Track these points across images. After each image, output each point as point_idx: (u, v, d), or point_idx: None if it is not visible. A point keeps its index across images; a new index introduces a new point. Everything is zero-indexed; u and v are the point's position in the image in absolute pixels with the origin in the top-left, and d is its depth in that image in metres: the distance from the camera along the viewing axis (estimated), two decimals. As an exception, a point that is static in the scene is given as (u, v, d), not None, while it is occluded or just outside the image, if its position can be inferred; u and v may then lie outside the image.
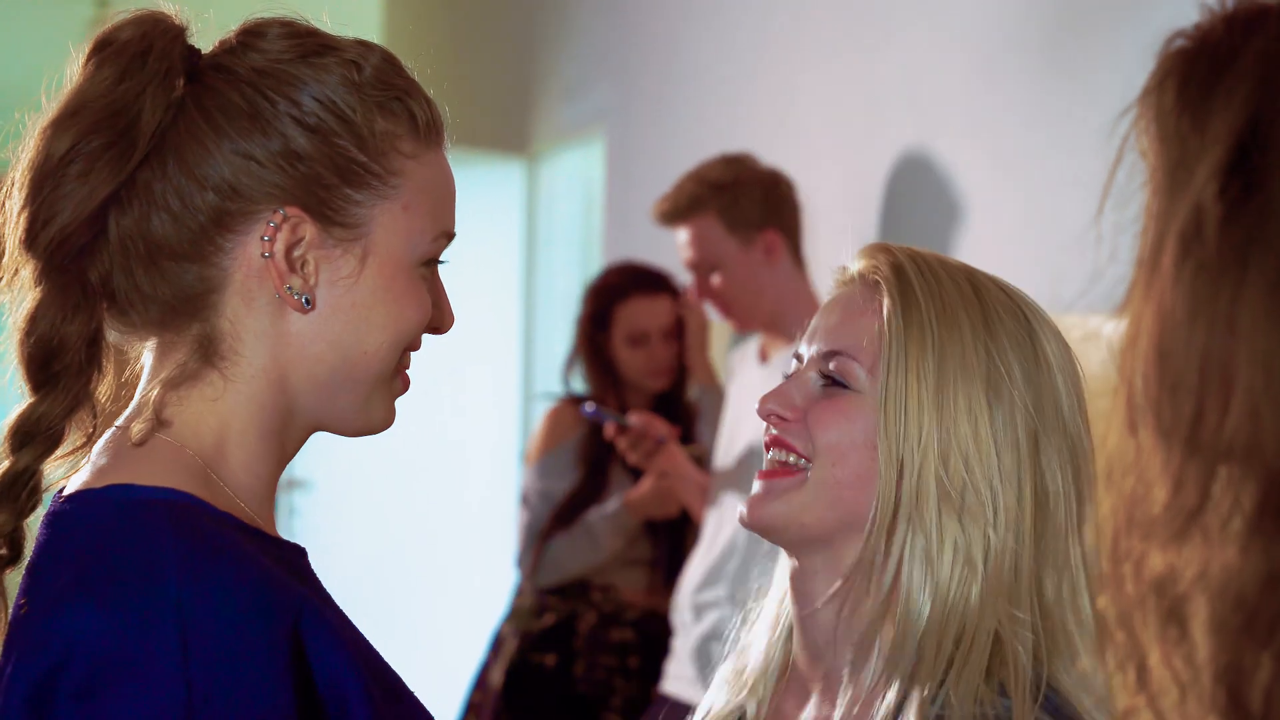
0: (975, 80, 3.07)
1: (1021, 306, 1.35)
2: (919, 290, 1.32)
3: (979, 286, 1.34)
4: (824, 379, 1.35)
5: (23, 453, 1.20)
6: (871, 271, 1.36)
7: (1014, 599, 1.28)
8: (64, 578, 1.13)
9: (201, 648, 1.08)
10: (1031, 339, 1.33)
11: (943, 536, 1.28)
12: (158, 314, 1.23)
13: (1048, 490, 1.30)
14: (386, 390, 1.28)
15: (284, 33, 1.24)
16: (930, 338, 1.31)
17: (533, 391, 5.74)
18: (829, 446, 1.33)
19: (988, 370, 1.30)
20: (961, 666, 1.26)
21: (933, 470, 1.29)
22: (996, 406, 1.30)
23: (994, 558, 1.28)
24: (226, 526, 1.16)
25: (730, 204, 3.18)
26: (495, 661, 3.70)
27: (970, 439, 1.29)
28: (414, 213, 1.25)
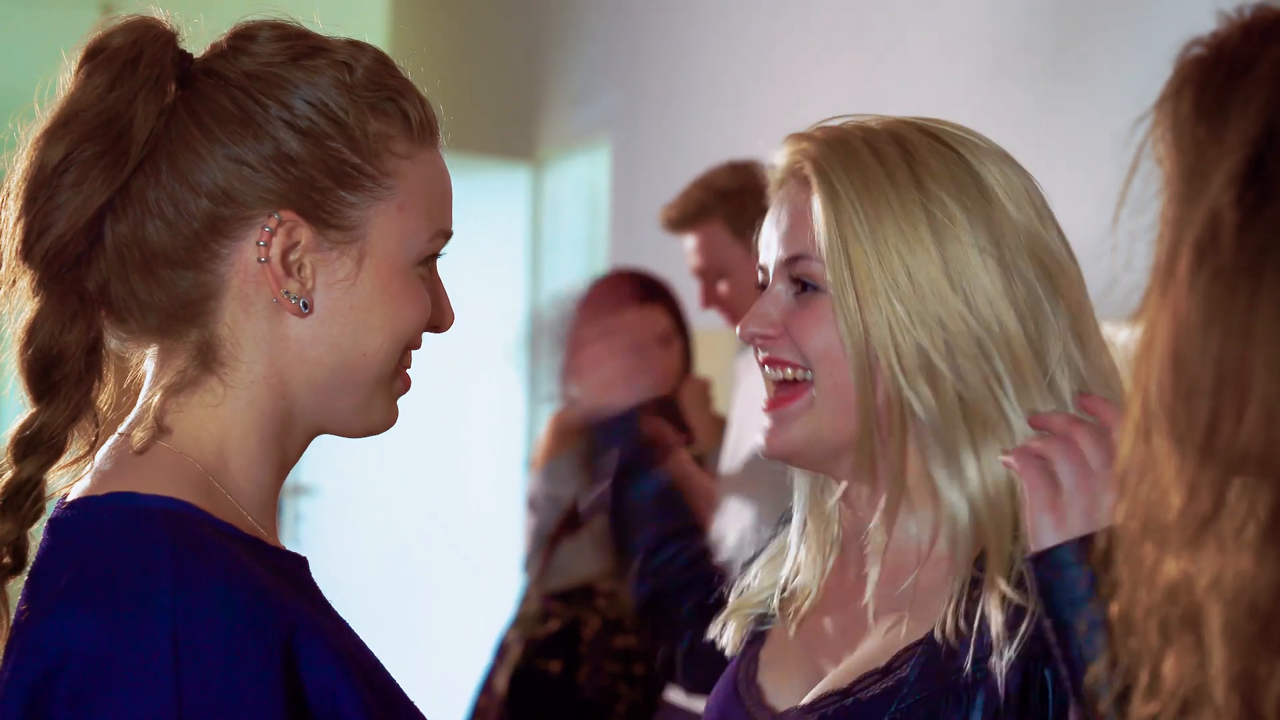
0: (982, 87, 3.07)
1: (953, 145, 1.34)
2: (838, 180, 1.32)
3: (904, 142, 1.34)
4: (793, 285, 1.36)
5: (25, 462, 1.20)
6: (798, 168, 1.36)
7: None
8: (61, 583, 1.13)
9: (194, 658, 1.08)
10: (970, 173, 1.33)
11: (945, 407, 1.29)
12: (156, 321, 1.23)
13: (1028, 308, 1.30)
14: (387, 390, 1.28)
15: (275, 35, 1.24)
16: (860, 222, 1.31)
17: (539, 396, 5.74)
18: (820, 356, 1.33)
19: (929, 224, 1.30)
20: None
21: (911, 343, 1.29)
22: (950, 256, 1.30)
23: (1010, 402, 1.28)
24: (224, 537, 1.16)
25: (737, 211, 3.18)
26: (500, 667, 3.70)
27: (935, 294, 1.29)
28: (409, 213, 1.25)
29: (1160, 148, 0.78)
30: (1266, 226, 0.72)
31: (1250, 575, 0.71)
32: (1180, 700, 0.74)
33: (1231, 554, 0.72)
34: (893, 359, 1.30)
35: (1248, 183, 0.73)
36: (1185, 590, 0.73)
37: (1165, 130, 0.78)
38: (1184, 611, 0.73)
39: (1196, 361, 0.73)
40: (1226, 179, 0.73)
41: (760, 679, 1.41)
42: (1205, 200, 0.73)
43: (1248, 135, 0.73)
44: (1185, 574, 0.73)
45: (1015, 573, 1.26)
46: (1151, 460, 0.75)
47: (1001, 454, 1.27)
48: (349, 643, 1.21)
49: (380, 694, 1.20)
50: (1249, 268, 0.72)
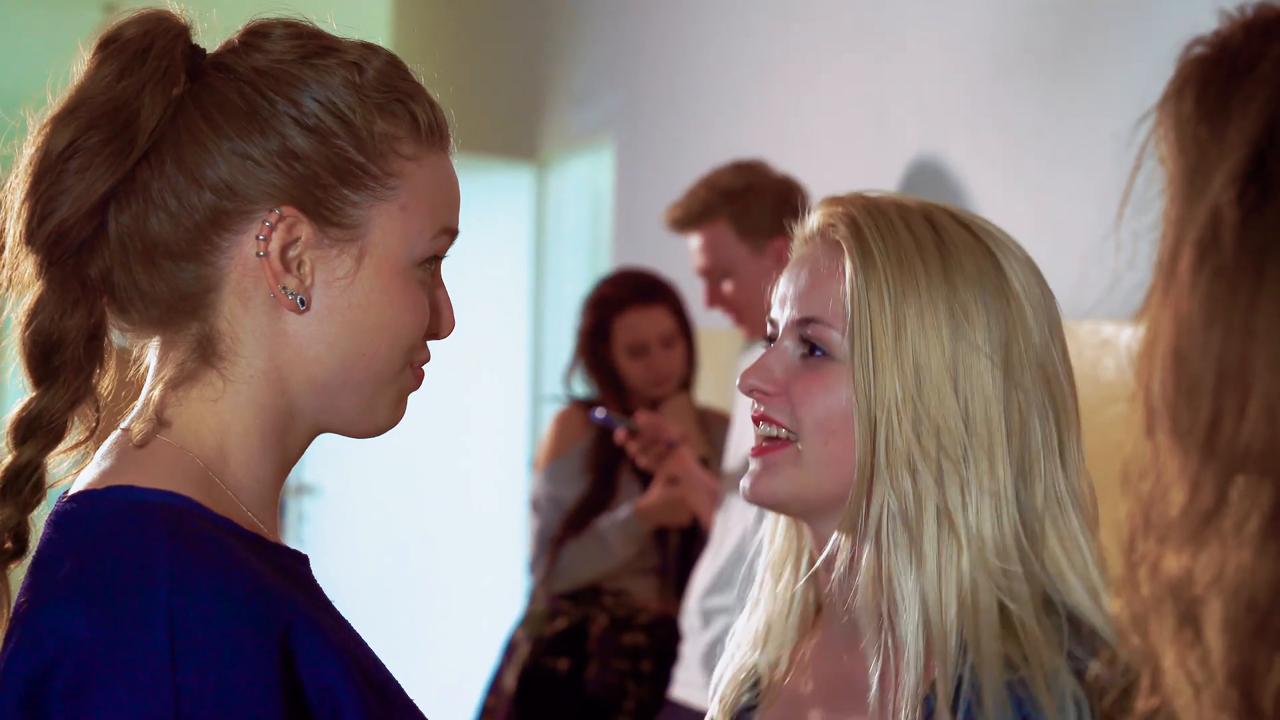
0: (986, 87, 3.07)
1: (985, 240, 1.34)
2: (875, 248, 1.32)
3: (939, 228, 1.34)
4: (802, 345, 1.36)
5: (25, 447, 1.20)
6: (830, 230, 1.36)
7: (1003, 554, 1.28)
8: (59, 576, 1.13)
9: (190, 653, 1.08)
10: (997, 272, 1.33)
11: (920, 499, 1.29)
12: (157, 313, 1.23)
13: (1022, 421, 1.30)
14: (390, 390, 1.28)
15: (288, 34, 1.25)
16: (888, 295, 1.31)
17: (541, 396, 5.75)
18: (817, 424, 1.33)
19: (950, 316, 1.30)
20: (976, 650, 1.26)
21: (907, 426, 1.29)
22: (960, 354, 1.30)
23: (976, 512, 1.28)
24: (222, 532, 1.16)
25: (742, 211, 3.18)
26: (508, 666, 3.71)
27: (935, 390, 1.29)
28: (412, 213, 1.25)
29: (1163, 147, 0.79)
30: (1267, 225, 0.73)
31: (1250, 570, 0.72)
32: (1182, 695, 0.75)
33: (1232, 549, 0.72)
34: (882, 441, 1.30)
35: (1249, 181, 0.74)
36: (1187, 586, 0.74)
37: (1168, 130, 0.78)
38: (1185, 607, 0.74)
39: (1198, 359, 0.74)
40: (1228, 177, 0.74)
41: None
42: (1207, 199, 0.74)
43: (1249, 134, 0.74)
44: (1187, 570, 0.74)
45: (964, 707, 1.25)
46: (1154, 457, 0.76)
47: None
48: (348, 639, 1.21)
49: (379, 690, 1.20)
50: (1250, 266, 0.73)
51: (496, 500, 5.92)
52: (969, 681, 1.25)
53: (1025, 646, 1.25)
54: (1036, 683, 1.23)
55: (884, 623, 1.32)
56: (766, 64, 4.14)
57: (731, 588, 3.17)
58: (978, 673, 1.25)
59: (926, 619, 1.27)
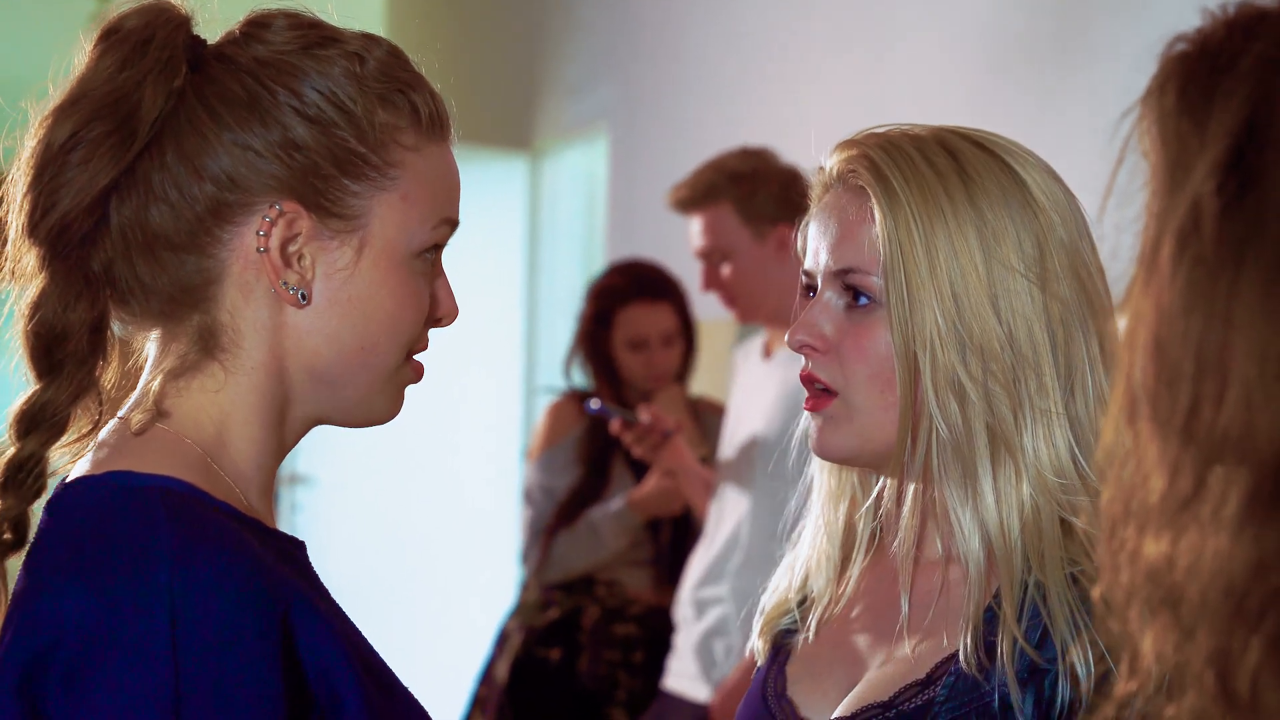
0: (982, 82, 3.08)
1: (1003, 155, 1.35)
2: (898, 186, 1.32)
3: (956, 153, 1.34)
4: (845, 293, 1.36)
5: (28, 439, 1.20)
6: (850, 176, 1.37)
7: (1059, 471, 1.30)
8: (59, 560, 1.13)
9: (191, 634, 1.09)
10: (1019, 185, 1.33)
11: (970, 426, 1.30)
12: (159, 304, 1.23)
13: (1066, 333, 1.31)
14: (389, 382, 1.28)
15: (289, 24, 1.25)
16: (918, 230, 1.31)
17: (535, 387, 5.75)
18: (870, 376, 1.33)
19: (980, 240, 1.31)
20: (1039, 560, 1.28)
21: (952, 354, 1.30)
22: (995, 277, 1.31)
23: (1031, 434, 1.30)
24: (222, 516, 1.17)
25: (747, 195, 3.18)
26: (500, 656, 3.71)
27: (976, 315, 1.30)
28: (412, 203, 1.25)
29: (1146, 141, 0.80)
30: (1246, 216, 0.74)
31: (1226, 554, 0.73)
32: (1159, 678, 0.76)
33: (1210, 534, 0.74)
34: (927, 372, 1.30)
35: (1228, 173, 0.75)
36: (1166, 571, 0.75)
37: (1150, 124, 0.80)
38: (1164, 592, 0.75)
39: (1178, 347, 0.75)
40: (1208, 170, 0.75)
41: (790, 692, 1.41)
42: (1188, 190, 0.76)
43: (1229, 127, 0.75)
44: (1166, 555, 0.75)
45: (1029, 608, 1.27)
46: (1135, 444, 0.77)
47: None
48: (345, 625, 1.22)
49: (376, 676, 1.21)
50: (1229, 256, 0.74)
51: (489, 490, 5.93)
52: (1034, 585, 1.28)
53: (1087, 546, 1.27)
54: (1094, 571, 1.25)
55: (929, 550, 1.35)
56: (762, 55, 4.15)
57: (725, 579, 3.18)
58: (1041, 576, 1.27)
59: (989, 544, 1.29)
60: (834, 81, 3.73)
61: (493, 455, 5.95)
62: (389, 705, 1.20)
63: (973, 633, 1.29)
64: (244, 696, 1.10)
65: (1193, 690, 0.75)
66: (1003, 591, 1.29)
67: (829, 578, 1.43)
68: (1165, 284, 0.76)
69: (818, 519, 1.45)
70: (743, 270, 3.19)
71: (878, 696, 1.32)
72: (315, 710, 1.15)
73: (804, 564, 1.46)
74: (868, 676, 1.36)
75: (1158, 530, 0.75)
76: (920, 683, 1.31)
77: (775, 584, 1.49)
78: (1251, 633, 0.72)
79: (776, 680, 1.43)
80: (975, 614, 1.29)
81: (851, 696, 1.35)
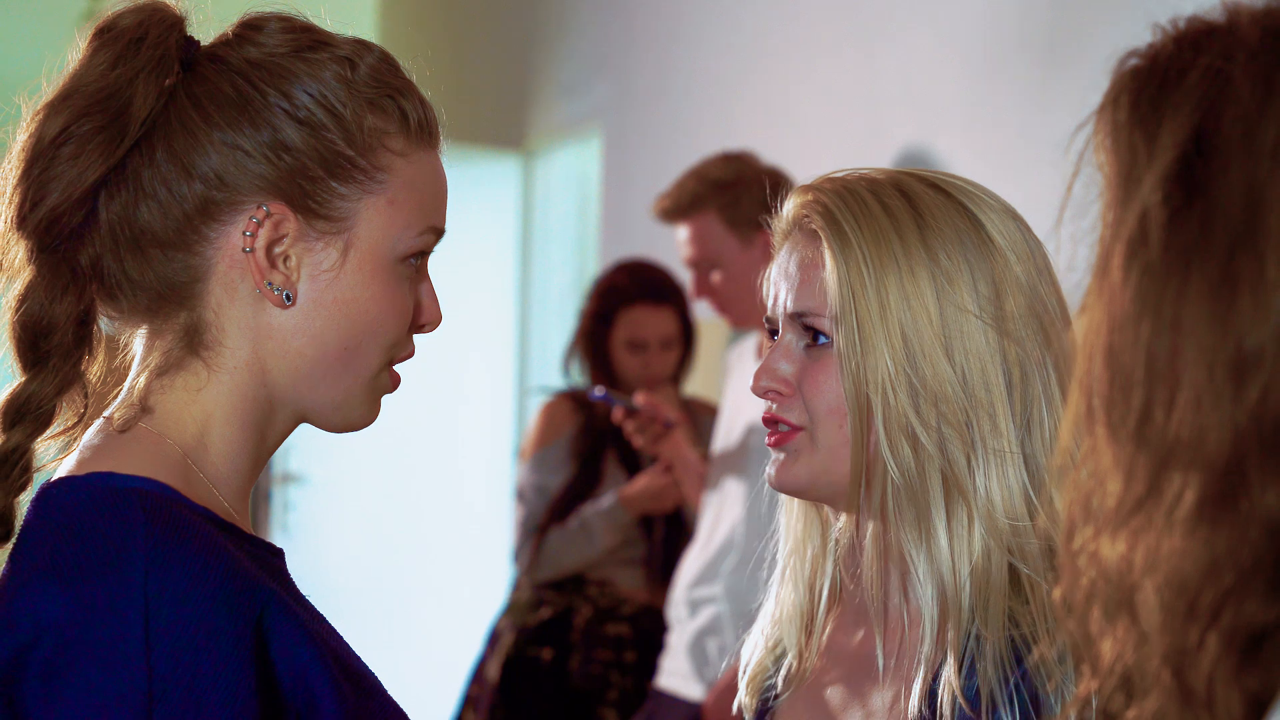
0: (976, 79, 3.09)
1: (959, 198, 1.36)
2: (850, 230, 1.33)
3: (910, 196, 1.35)
4: (804, 334, 1.37)
5: (14, 431, 1.21)
6: (805, 221, 1.38)
7: (1011, 511, 1.30)
8: (38, 560, 1.15)
9: (165, 636, 1.10)
10: (975, 226, 1.34)
11: (924, 470, 1.31)
12: (146, 301, 1.25)
13: (1021, 374, 1.32)
14: (369, 387, 1.29)
15: (282, 27, 1.26)
16: (869, 274, 1.32)
17: (528, 387, 5.76)
18: (828, 410, 1.35)
19: (932, 284, 1.32)
20: (984, 610, 1.29)
21: (904, 398, 1.31)
22: (948, 319, 1.32)
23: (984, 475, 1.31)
24: (200, 519, 1.18)
25: (731, 202, 3.20)
26: (492, 655, 3.71)
27: (928, 359, 1.31)
28: (399, 208, 1.26)
29: (1100, 154, 0.82)
30: (1192, 225, 0.76)
31: (1180, 553, 0.75)
32: (1117, 677, 0.78)
33: (1165, 535, 0.75)
34: (879, 416, 1.31)
35: (1176, 183, 0.77)
36: (1123, 571, 0.77)
37: (1104, 136, 0.82)
38: (1121, 592, 0.77)
39: (1129, 353, 0.77)
40: (1156, 180, 0.77)
41: None
42: (1137, 201, 0.78)
43: (1177, 139, 0.77)
44: (1123, 556, 0.77)
45: (967, 661, 1.28)
46: (1091, 449, 0.79)
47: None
48: (322, 629, 1.22)
49: (354, 679, 1.21)
50: (1177, 263, 0.76)
51: (482, 489, 5.93)
52: (975, 637, 1.28)
53: (1032, 602, 1.28)
54: (1040, 636, 1.26)
55: (894, 597, 1.35)
56: (755, 54, 4.16)
57: (719, 579, 3.19)
58: (983, 628, 1.28)
59: (942, 590, 1.30)
60: (827, 82, 3.74)
61: (485, 454, 5.96)
62: (366, 709, 1.21)
63: (922, 686, 1.30)
64: (216, 699, 1.11)
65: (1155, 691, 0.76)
66: (950, 646, 1.29)
67: (799, 629, 1.44)
68: (1116, 292, 0.78)
69: (783, 569, 1.46)
70: (732, 277, 3.21)
71: None
72: (290, 714, 1.16)
73: (776, 619, 1.46)
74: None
75: (1114, 532, 0.77)
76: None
77: (753, 643, 1.49)
78: (1205, 631, 0.74)
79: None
80: (926, 669, 1.30)
81: None
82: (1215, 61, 0.78)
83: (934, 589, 1.30)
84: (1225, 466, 0.74)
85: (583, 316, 3.73)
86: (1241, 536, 0.74)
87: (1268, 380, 0.73)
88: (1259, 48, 0.77)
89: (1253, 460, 0.73)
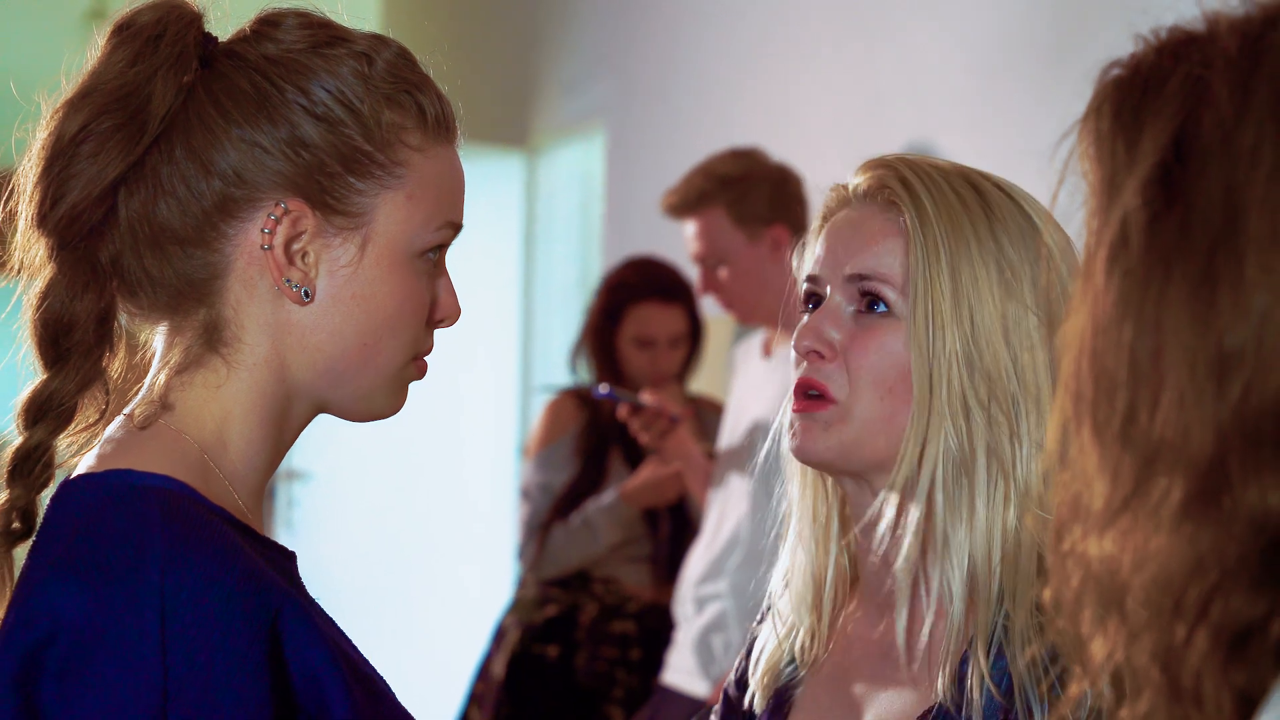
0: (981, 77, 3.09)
1: (1020, 201, 1.38)
2: (929, 207, 1.34)
3: (979, 189, 1.37)
4: (860, 299, 1.36)
5: (35, 429, 1.22)
6: (880, 191, 1.38)
7: (1045, 505, 1.30)
8: (56, 556, 1.15)
9: (180, 635, 1.10)
10: (1034, 229, 1.36)
11: (973, 441, 1.31)
12: (166, 298, 1.25)
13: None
14: (392, 378, 1.29)
15: (299, 23, 1.26)
16: (944, 253, 1.33)
17: (532, 384, 5.77)
18: (874, 381, 1.34)
19: (999, 276, 1.34)
20: (1012, 596, 1.29)
21: (964, 373, 1.31)
22: (1009, 311, 1.33)
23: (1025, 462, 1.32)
24: (216, 518, 1.18)
25: (739, 198, 3.20)
26: (497, 652, 3.71)
27: (989, 343, 1.32)
28: (417, 203, 1.27)
29: (1085, 162, 0.83)
30: (1171, 228, 0.78)
31: (1166, 551, 0.76)
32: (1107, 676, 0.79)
33: (1151, 534, 0.77)
34: (943, 391, 1.32)
35: (1156, 187, 0.79)
36: (1111, 570, 0.78)
37: (1088, 145, 0.83)
38: (1111, 592, 0.78)
39: (1113, 355, 0.78)
40: (1137, 186, 0.79)
41: None
42: (1119, 206, 0.79)
43: (1157, 145, 0.79)
44: (1111, 556, 0.78)
45: (994, 647, 1.29)
46: (1079, 451, 0.80)
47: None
48: (334, 633, 1.23)
49: (365, 683, 1.22)
50: (1158, 266, 0.78)
51: (486, 486, 5.94)
52: (1003, 624, 1.29)
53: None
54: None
55: (923, 583, 1.34)
56: (759, 51, 4.16)
57: (725, 575, 3.19)
58: (1011, 615, 1.29)
59: (973, 572, 1.31)
60: (830, 78, 3.75)
61: (490, 451, 5.96)
62: (376, 712, 1.21)
63: (950, 671, 1.30)
64: (231, 699, 1.11)
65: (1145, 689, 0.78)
66: (978, 631, 1.30)
67: (811, 606, 1.42)
68: (1100, 296, 0.79)
69: (792, 546, 1.44)
70: (739, 273, 3.21)
71: None
72: (300, 716, 1.16)
73: (788, 603, 1.45)
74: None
75: (1102, 533, 0.78)
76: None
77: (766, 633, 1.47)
78: (1193, 628, 0.75)
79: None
80: (955, 652, 1.31)
81: None
82: (1194, 69, 0.79)
83: (965, 571, 1.31)
84: (1209, 464, 0.75)
85: (590, 313, 3.73)
86: (1226, 533, 0.75)
87: (1249, 378, 0.74)
88: (1237, 55, 0.78)
89: (1235, 457, 0.74)
